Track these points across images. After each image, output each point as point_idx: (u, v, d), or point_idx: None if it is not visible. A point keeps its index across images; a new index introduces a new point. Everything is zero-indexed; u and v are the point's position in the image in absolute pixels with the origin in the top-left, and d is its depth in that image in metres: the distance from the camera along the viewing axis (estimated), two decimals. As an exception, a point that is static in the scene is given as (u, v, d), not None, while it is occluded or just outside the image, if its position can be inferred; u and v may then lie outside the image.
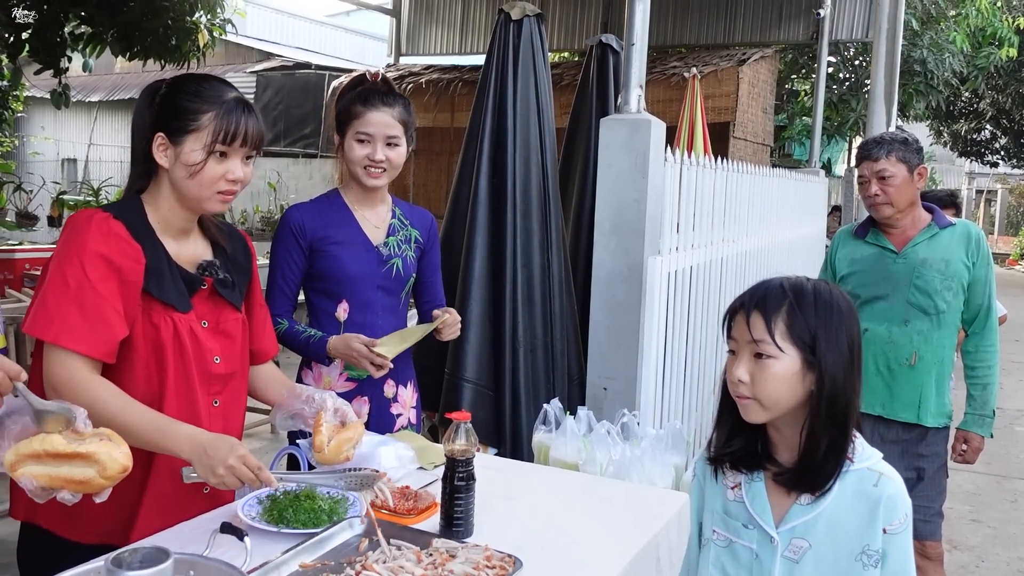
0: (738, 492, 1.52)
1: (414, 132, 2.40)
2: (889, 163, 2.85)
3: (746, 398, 1.44)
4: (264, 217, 14.12)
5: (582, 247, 4.05)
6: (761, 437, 1.51)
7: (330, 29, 20.47)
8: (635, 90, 3.20)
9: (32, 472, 1.29)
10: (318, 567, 1.51)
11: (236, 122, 1.69)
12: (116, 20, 6.02)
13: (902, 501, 1.42)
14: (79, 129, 18.39)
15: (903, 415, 2.88)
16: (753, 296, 1.46)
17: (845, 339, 1.41)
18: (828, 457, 1.41)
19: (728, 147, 7.73)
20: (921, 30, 11.01)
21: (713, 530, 1.55)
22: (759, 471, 1.51)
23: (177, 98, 1.71)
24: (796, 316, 1.40)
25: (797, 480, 1.45)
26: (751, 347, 1.42)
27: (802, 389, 1.41)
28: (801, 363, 1.40)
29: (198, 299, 1.77)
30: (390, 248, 2.39)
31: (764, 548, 1.48)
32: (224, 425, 1.79)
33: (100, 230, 1.64)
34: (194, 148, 1.69)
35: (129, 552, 1.15)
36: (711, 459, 1.56)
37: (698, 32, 9.29)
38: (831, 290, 1.45)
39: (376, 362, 2.21)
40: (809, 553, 1.44)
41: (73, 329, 1.58)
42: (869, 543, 1.41)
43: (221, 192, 1.73)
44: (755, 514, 1.49)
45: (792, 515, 1.46)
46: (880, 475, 1.43)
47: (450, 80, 8.86)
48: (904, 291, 2.88)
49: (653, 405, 3.28)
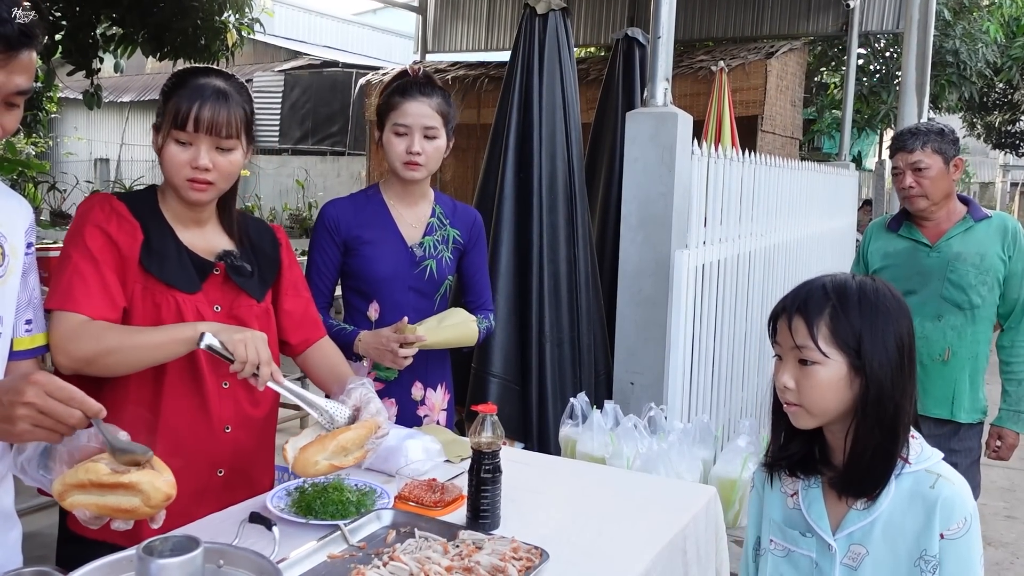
0: (796, 500, 1.47)
1: (454, 127, 2.34)
2: (925, 154, 2.81)
3: (793, 405, 1.39)
4: (293, 215, 14.23)
5: (608, 241, 4.05)
6: (819, 441, 1.45)
7: (357, 27, 20.57)
8: (661, 83, 3.19)
9: (81, 502, 1.29)
10: (346, 558, 1.52)
11: (191, 108, 1.68)
12: (147, 21, 6.10)
13: (961, 504, 1.34)
14: (111, 129, 18.64)
15: (936, 411, 2.84)
16: (795, 299, 1.39)
17: (893, 340, 1.35)
18: (875, 462, 1.35)
19: (756, 141, 7.66)
20: (953, 20, 10.84)
21: (771, 540, 1.50)
22: (816, 476, 1.45)
23: (164, 91, 1.76)
24: (840, 319, 1.34)
25: (846, 485, 1.39)
26: (795, 353, 1.37)
27: (851, 394, 1.35)
28: (848, 367, 1.34)
29: (211, 284, 1.78)
30: (425, 249, 2.36)
31: (823, 556, 1.42)
32: (235, 408, 1.80)
33: (102, 208, 1.71)
34: (161, 135, 1.73)
35: (160, 541, 1.17)
36: (767, 465, 1.51)
37: (725, 25, 9.20)
38: (878, 288, 1.38)
39: (400, 353, 2.18)
40: (868, 559, 1.38)
41: (75, 295, 1.62)
42: (927, 548, 1.33)
43: (190, 180, 1.72)
44: (812, 521, 1.43)
45: (849, 521, 1.40)
46: (938, 476, 1.36)
47: (476, 76, 8.86)
48: (938, 285, 2.83)
49: (680, 399, 3.27)
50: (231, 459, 1.80)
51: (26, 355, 1.52)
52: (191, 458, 1.73)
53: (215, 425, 1.77)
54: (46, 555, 1.77)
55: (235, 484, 1.81)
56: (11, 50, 1.23)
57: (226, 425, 1.79)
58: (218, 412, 1.77)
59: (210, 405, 1.75)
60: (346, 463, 1.67)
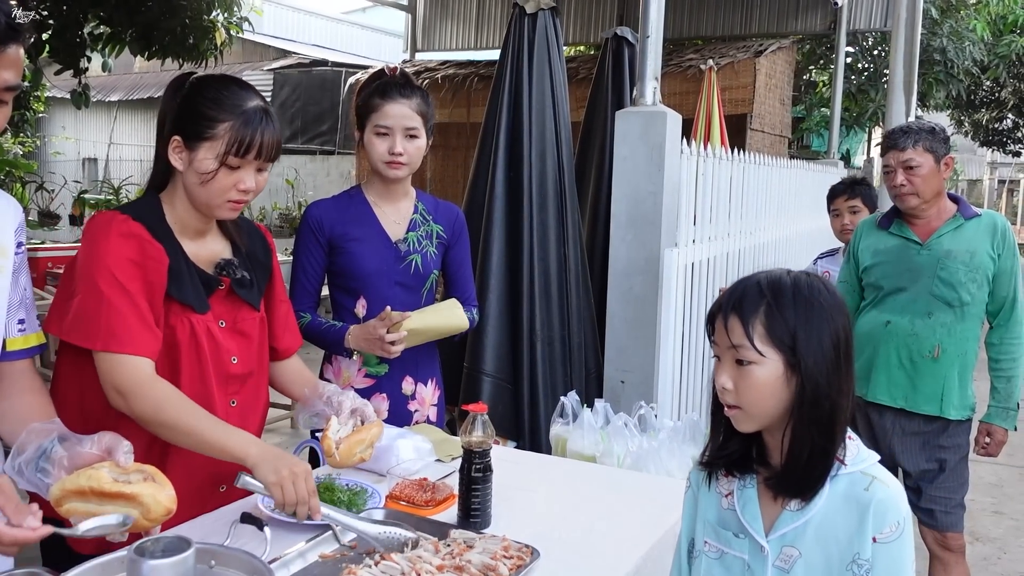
0: (731, 500, 1.43)
1: (432, 125, 2.39)
2: (916, 153, 2.82)
3: (733, 408, 1.35)
4: (282, 214, 14.20)
5: (599, 240, 4.05)
6: (756, 440, 1.42)
7: (346, 26, 20.54)
8: (650, 82, 3.20)
9: (77, 509, 1.27)
10: (337, 557, 1.52)
11: (251, 135, 1.66)
12: (135, 20, 6.07)
13: (895, 508, 1.30)
14: (99, 129, 18.56)
15: (926, 408, 2.86)
16: (730, 298, 1.35)
17: (829, 337, 1.31)
18: (814, 462, 1.32)
19: (745, 139, 7.69)
20: (941, 19, 10.90)
21: (705, 541, 1.46)
22: (752, 476, 1.42)
23: (197, 102, 1.68)
24: (774, 317, 1.30)
25: (783, 485, 1.36)
26: (732, 352, 1.33)
27: (788, 393, 1.32)
28: (784, 366, 1.30)
29: (215, 299, 1.77)
30: (409, 244, 2.39)
31: (755, 558, 1.38)
32: (241, 424, 1.78)
33: (121, 232, 1.64)
34: (207, 156, 1.66)
35: (151, 542, 1.17)
36: (705, 464, 1.47)
37: (714, 24, 9.24)
38: (812, 284, 1.34)
39: (388, 339, 2.19)
40: (800, 562, 1.34)
41: (120, 335, 1.58)
42: (859, 551, 1.30)
43: (232, 201, 1.71)
44: (745, 522, 1.39)
45: (782, 522, 1.36)
46: (872, 479, 1.32)
47: (466, 75, 8.86)
48: (928, 283, 2.85)
49: (671, 398, 3.28)
50: (233, 476, 1.80)
51: (20, 355, 1.52)
52: (196, 473, 1.73)
53: None
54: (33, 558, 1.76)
55: (235, 499, 1.81)
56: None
57: None
58: None
59: None
60: (366, 456, 1.82)
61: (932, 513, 2.88)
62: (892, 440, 2.92)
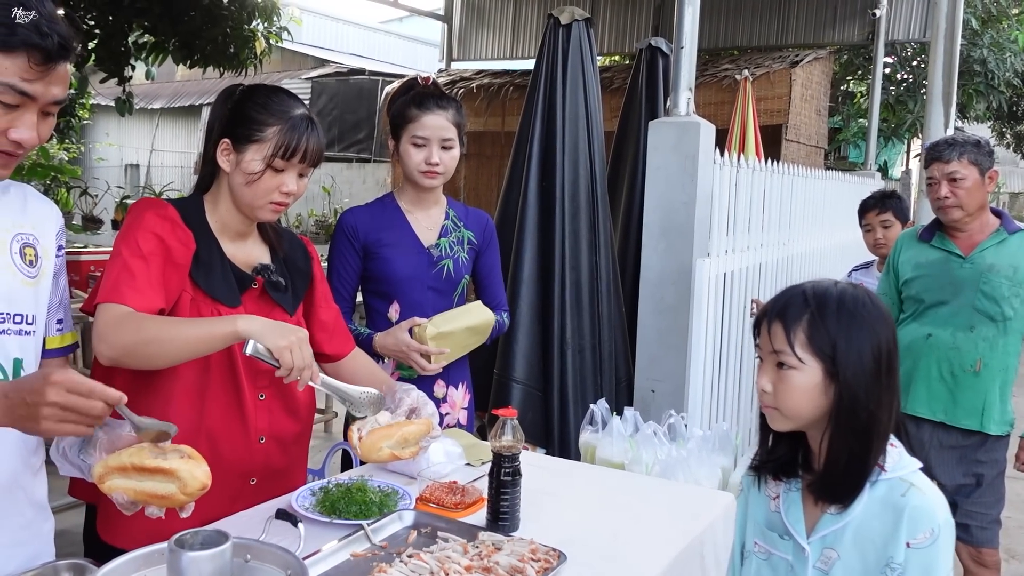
0: (777, 503, 1.49)
1: (464, 135, 2.44)
2: (961, 165, 2.80)
3: (769, 407, 1.41)
4: (318, 221, 14.35)
5: (631, 250, 4.06)
6: (802, 445, 1.47)
7: (383, 35, 20.73)
8: (684, 93, 3.21)
9: (119, 486, 1.33)
10: (368, 556, 1.55)
11: (298, 139, 1.75)
12: (178, 29, 6.21)
13: (929, 515, 1.33)
14: (141, 135, 18.91)
15: (966, 422, 2.83)
16: (776, 304, 1.42)
17: (870, 349, 1.35)
18: (850, 468, 1.36)
19: (780, 150, 7.63)
20: (981, 29, 10.76)
21: (755, 542, 1.53)
22: (797, 480, 1.48)
23: (246, 107, 1.77)
24: (817, 326, 1.35)
25: (822, 490, 1.41)
26: (773, 357, 1.39)
27: (825, 400, 1.36)
28: (823, 374, 1.35)
29: (248, 298, 1.82)
30: (441, 249, 2.43)
31: (798, 559, 1.44)
32: (270, 419, 1.84)
33: (157, 213, 1.73)
34: (254, 158, 1.75)
35: (190, 534, 1.21)
36: (754, 468, 1.54)
37: (750, 34, 9.20)
38: (858, 296, 1.38)
39: (425, 352, 2.24)
40: (838, 564, 1.39)
41: (120, 288, 1.63)
42: (893, 555, 1.33)
43: (274, 203, 1.79)
44: (789, 524, 1.45)
45: (822, 524, 1.41)
46: (910, 486, 1.36)
47: (501, 85, 8.91)
48: (970, 296, 2.82)
49: (701, 407, 3.28)
50: (263, 469, 1.85)
51: (56, 353, 1.57)
52: (226, 466, 1.76)
53: (251, 435, 1.81)
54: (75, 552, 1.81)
55: (266, 493, 1.84)
56: (50, 62, 1.29)
57: (260, 436, 1.83)
58: (254, 423, 1.81)
59: (247, 415, 1.80)
60: (404, 455, 1.76)
61: (967, 528, 2.85)
62: (929, 453, 2.89)
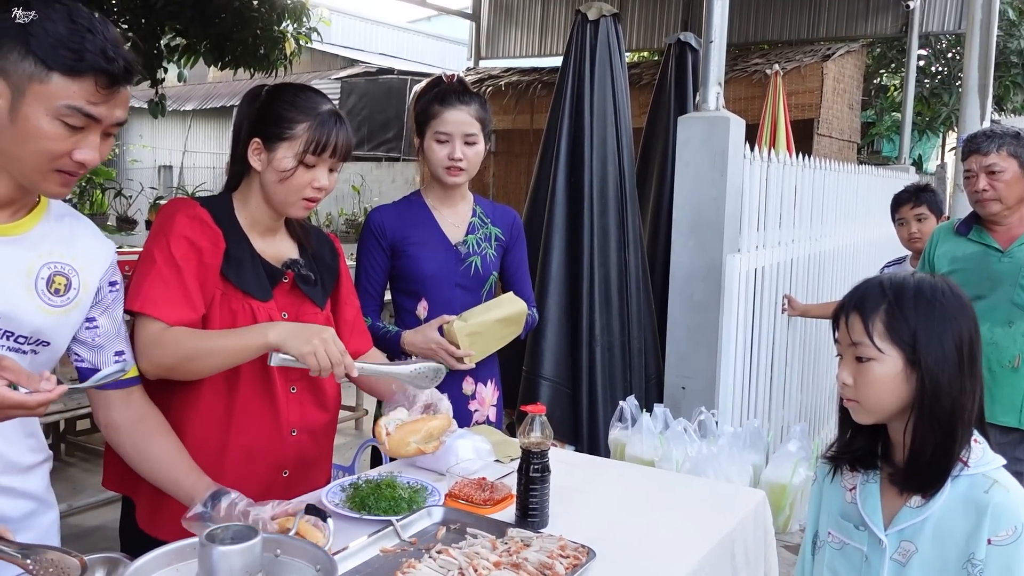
0: (854, 494, 1.49)
1: (491, 131, 2.43)
2: (1000, 157, 2.76)
3: (851, 400, 1.42)
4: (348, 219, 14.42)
5: (660, 246, 4.04)
6: (882, 437, 1.47)
7: (412, 35, 20.79)
8: (713, 87, 3.18)
9: None
10: (397, 552, 1.56)
11: (328, 134, 1.77)
12: (209, 32, 6.29)
13: (1013, 512, 1.33)
14: (174, 137, 19.14)
15: (1003, 419, 2.78)
16: (852, 297, 1.42)
17: (951, 337, 1.35)
18: (936, 458, 1.36)
19: (812, 144, 7.56)
20: (1018, 20, 10.56)
21: (829, 532, 1.53)
22: (875, 471, 1.48)
23: (275, 106, 1.79)
24: (895, 315, 1.36)
25: (906, 480, 1.41)
26: (852, 350, 1.40)
27: (907, 389, 1.37)
28: (904, 363, 1.36)
29: (279, 292, 1.84)
30: (469, 246, 2.43)
31: (874, 550, 1.44)
32: (301, 412, 1.86)
33: (186, 214, 1.75)
34: (286, 155, 1.77)
35: (221, 529, 1.22)
36: (830, 458, 1.54)
37: (781, 28, 9.10)
38: (936, 285, 1.39)
39: (456, 354, 2.25)
40: (916, 557, 1.39)
41: (156, 299, 1.67)
42: (975, 552, 1.33)
43: (306, 199, 1.81)
44: (866, 515, 1.45)
45: (901, 517, 1.41)
46: (994, 482, 1.36)
47: (529, 82, 8.91)
48: (1009, 291, 2.77)
49: (732, 404, 3.25)
50: (295, 460, 1.86)
51: (118, 386, 1.58)
52: (259, 459, 1.79)
53: (283, 428, 1.83)
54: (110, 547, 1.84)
55: (298, 484, 1.86)
56: (115, 86, 1.32)
57: (292, 428, 1.84)
58: (286, 416, 1.83)
59: (279, 409, 1.81)
60: (428, 449, 1.82)
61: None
62: (964, 450, 2.84)
